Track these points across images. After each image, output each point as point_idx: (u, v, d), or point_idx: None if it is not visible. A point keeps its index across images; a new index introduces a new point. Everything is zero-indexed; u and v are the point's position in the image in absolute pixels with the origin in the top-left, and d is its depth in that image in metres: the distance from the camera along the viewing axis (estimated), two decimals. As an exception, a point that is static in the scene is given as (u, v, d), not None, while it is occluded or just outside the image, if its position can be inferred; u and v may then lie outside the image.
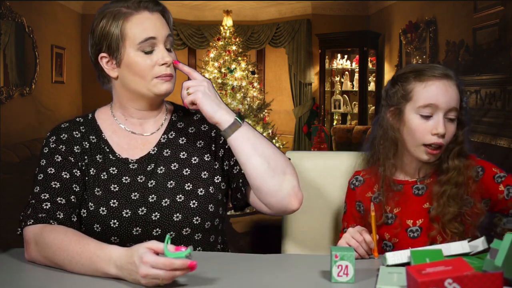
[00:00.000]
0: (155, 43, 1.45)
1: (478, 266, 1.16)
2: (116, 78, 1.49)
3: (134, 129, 1.53)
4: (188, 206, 1.45)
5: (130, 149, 1.51)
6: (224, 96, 6.39)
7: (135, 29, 1.44)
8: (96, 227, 1.42)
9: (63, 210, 1.39)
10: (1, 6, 4.91)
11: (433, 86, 1.49)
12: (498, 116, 4.11)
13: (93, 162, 1.48)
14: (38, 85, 5.51)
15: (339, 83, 7.22)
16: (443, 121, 1.48)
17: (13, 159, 4.98)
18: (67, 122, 1.55)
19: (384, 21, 6.60)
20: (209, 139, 1.55)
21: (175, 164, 1.50)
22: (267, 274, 1.30)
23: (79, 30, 6.68)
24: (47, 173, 1.44)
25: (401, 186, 1.56)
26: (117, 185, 1.45)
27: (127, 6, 1.46)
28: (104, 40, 1.46)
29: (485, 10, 4.37)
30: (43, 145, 1.51)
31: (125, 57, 1.45)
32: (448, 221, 1.49)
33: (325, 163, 1.81)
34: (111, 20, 1.45)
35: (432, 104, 1.48)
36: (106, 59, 1.48)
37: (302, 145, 7.42)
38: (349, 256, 1.22)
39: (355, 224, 1.58)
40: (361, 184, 1.63)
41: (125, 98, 1.51)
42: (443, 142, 1.49)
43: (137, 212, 1.43)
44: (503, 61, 4.08)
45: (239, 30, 7.25)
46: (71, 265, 1.26)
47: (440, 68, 1.53)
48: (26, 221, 1.37)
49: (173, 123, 1.57)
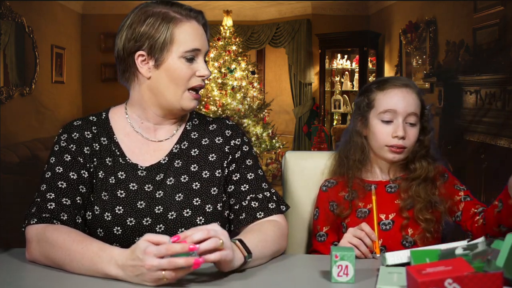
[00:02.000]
0: (198, 54, 1.45)
1: (478, 266, 1.16)
2: (148, 78, 1.46)
3: (148, 134, 1.51)
4: (194, 222, 1.43)
5: (141, 154, 1.49)
6: (224, 96, 6.40)
7: (185, 37, 1.43)
8: (99, 231, 1.41)
9: (68, 211, 1.38)
10: (1, 6, 4.92)
11: (392, 94, 1.65)
12: (498, 116, 4.11)
13: (102, 165, 1.47)
14: (38, 85, 5.52)
15: (339, 83, 7.23)
16: (403, 125, 1.62)
17: (13, 159, 4.97)
18: (80, 120, 1.52)
19: (384, 21, 6.60)
20: (222, 153, 1.52)
21: (185, 177, 1.48)
22: (267, 274, 1.30)
23: (79, 30, 6.69)
24: (55, 171, 1.43)
25: (375, 186, 1.65)
26: (124, 191, 1.44)
27: (176, 11, 1.44)
28: (148, 39, 1.42)
29: (485, 10, 4.37)
30: (54, 142, 1.48)
31: (167, 61, 1.43)
32: (419, 210, 1.60)
33: (325, 163, 1.81)
34: (159, 21, 1.42)
35: (391, 110, 1.63)
36: (143, 58, 1.44)
37: (302, 145, 7.43)
38: (349, 256, 1.22)
39: (329, 226, 1.68)
40: (333, 185, 1.72)
41: (149, 101, 1.48)
42: (403, 144, 1.63)
43: (142, 221, 1.42)
44: (503, 61, 4.08)
45: (239, 30, 7.26)
46: (71, 265, 1.26)
47: (402, 79, 1.71)
48: (29, 219, 1.36)
49: (187, 132, 1.54)
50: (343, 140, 1.77)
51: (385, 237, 1.59)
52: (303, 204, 1.82)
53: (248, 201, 1.47)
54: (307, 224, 1.81)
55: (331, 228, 1.69)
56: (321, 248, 1.68)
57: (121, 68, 1.49)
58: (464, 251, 1.18)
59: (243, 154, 1.53)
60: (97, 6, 6.71)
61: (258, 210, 1.46)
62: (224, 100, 6.34)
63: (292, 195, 1.83)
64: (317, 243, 1.70)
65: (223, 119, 1.60)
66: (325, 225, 1.69)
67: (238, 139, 1.54)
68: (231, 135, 1.54)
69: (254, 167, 1.53)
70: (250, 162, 1.53)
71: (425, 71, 5.40)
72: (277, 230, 1.43)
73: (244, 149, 1.54)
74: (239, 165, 1.51)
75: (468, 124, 4.48)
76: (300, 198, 1.82)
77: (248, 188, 1.49)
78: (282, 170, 1.86)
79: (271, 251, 1.39)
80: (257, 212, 1.46)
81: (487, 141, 4.20)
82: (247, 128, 6.36)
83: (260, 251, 1.33)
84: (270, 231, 1.41)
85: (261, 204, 1.47)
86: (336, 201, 1.68)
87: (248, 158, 1.53)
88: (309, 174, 1.82)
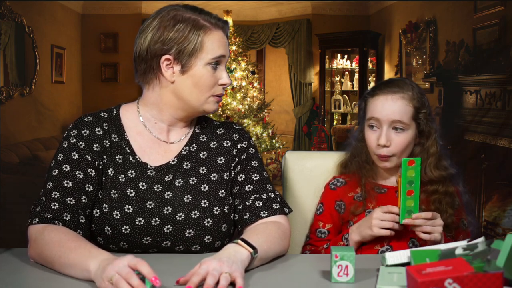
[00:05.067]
0: (222, 61, 1.48)
1: (478, 266, 1.16)
2: (172, 82, 1.46)
3: (160, 134, 1.52)
4: (202, 224, 1.44)
5: (151, 154, 1.50)
6: (224, 96, 6.40)
7: (213, 45, 1.45)
8: (107, 229, 1.41)
9: (71, 212, 1.38)
10: (1, 6, 4.92)
11: (377, 101, 1.64)
12: (498, 116, 4.11)
13: (112, 162, 1.47)
14: (38, 85, 5.51)
15: (339, 83, 7.22)
16: (386, 133, 1.61)
17: (13, 159, 4.97)
18: (91, 116, 1.51)
19: (384, 21, 6.60)
20: (230, 156, 1.54)
21: (194, 179, 1.49)
22: (267, 274, 1.30)
23: (79, 30, 6.68)
24: (62, 169, 1.42)
25: (385, 190, 1.66)
26: (134, 190, 1.44)
27: (206, 20, 1.46)
28: (177, 44, 1.42)
29: (485, 10, 4.37)
30: (63, 137, 1.48)
31: (194, 68, 1.44)
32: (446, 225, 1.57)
33: (325, 163, 1.81)
34: (190, 27, 1.43)
35: (374, 117, 1.63)
36: (168, 62, 1.44)
37: (302, 145, 7.43)
38: (349, 256, 1.22)
39: (332, 224, 1.68)
40: (342, 185, 1.71)
41: (167, 103, 1.48)
42: (387, 153, 1.61)
43: (150, 221, 1.42)
44: (503, 61, 4.08)
45: (239, 30, 7.26)
46: (59, 261, 1.24)
47: (394, 83, 1.66)
48: (32, 218, 1.37)
49: (196, 135, 1.55)
50: (351, 141, 1.77)
51: (392, 237, 1.57)
52: (303, 204, 1.82)
53: (252, 201, 1.48)
54: (307, 224, 1.81)
55: (334, 226, 1.69)
56: (320, 244, 1.68)
57: (141, 68, 1.48)
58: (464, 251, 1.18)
59: (248, 156, 1.55)
60: (97, 6, 6.70)
61: (262, 209, 1.47)
62: (224, 100, 6.33)
63: (292, 195, 1.83)
64: (316, 238, 1.70)
65: (230, 123, 1.61)
66: (328, 222, 1.69)
67: (245, 142, 1.56)
68: (239, 138, 1.56)
69: (259, 169, 1.54)
70: (256, 164, 1.55)
71: (425, 71, 5.40)
72: (281, 232, 1.43)
73: (250, 151, 1.56)
74: (244, 166, 1.53)
75: (468, 124, 4.48)
76: (300, 198, 1.82)
77: (253, 189, 1.50)
78: (282, 170, 1.86)
79: (274, 252, 1.39)
80: (261, 211, 1.47)
81: (487, 141, 4.20)
82: (247, 128, 6.36)
83: (265, 251, 1.33)
84: (274, 232, 1.41)
85: (265, 204, 1.48)
86: (345, 201, 1.68)
87: (254, 160, 1.55)
88: (309, 174, 1.82)
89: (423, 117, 1.64)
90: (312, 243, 1.71)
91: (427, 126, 1.65)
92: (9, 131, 4.95)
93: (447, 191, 1.63)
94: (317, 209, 1.74)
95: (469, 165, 4.29)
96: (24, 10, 5.23)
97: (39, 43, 5.52)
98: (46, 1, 5.76)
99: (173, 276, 1.20)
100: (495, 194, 4.05)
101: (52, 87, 5.95)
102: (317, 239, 1.70)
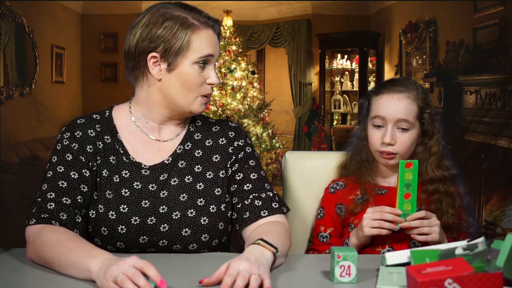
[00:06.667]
0: (210, 60, 1.46)
1: (478, 266, 1.16)
2: (159, 80, 1.45)
3: (152, 133, 1.51)
4: (198, 223, 1.44)
5: (145, 153, 1.49)
6: (224, 96, 6.39)
7: (201, 44, 1.43)
8: (104, 230, 1.41)
9: (67, 211, 1.38)
10: (1, 6, 4.92)
11: (382, 100, 1.63)
12: (498, 116, 4.11)
13: (106, 163, 1.46)
14: (38, 85, 5.51)
15: (339, 83, 7.22)
16: (391, 131, 1.61)
17: (13, 159, 4.98)
18: (83, 118, 1.51)
19: (384, 21, 6.60)
20: (226, 154, 1.53)
21: (189, 177, 1.48)
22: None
23: (79, 30, 6.68)
24: (56, 171, 1.42)
25: (385, 191, 1.65)
26: (128, 190, 1.44)
27: (195, 18, 1.44)
28: (164, 42, 1.41)
29: (485, 10, 4.37)
30: (57, 140, 1.48)
31: (180, 66, 1.43)
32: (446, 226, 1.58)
33: (325, 163, 1.81)
34: (178, 25, 1.42)
35: (379, 116, 1.63)
36: (155, 60, 1.43)
37: (302, 145, 7.42)
38: (352, 256, 1.22)
39: (333, 228, 1.68)
40: (342, 188, 1.71)
41: (157, 102, 1.48)
42: (392, 150, 1.61)
43: (146, 221, 1.42)
44: (503, 61, 4.08)
45: (239, 30, 7.25)
46: (59, 261, 1.24)
47: (399, 82, 1.66)
48: (29, 219, 1.36)
49: (190, 133, 1.54)
50: (352, 139, 1.77)
51: (393, 239, 1.57)
52: (303, 204, 1.82)
53: (251, 200, 1.48)
54: (307, 224, 1.81)
55: (335, 230, 1.68)
56: (322, 248, 1.68)
57: (130, 65, 1.47)
58: (464, 251, 1.18)
59: (246, 155, 1.54)
60: (97, 6, 6.70)
61: (262, 208, 1.47)
62: (224, 100, 6.34)
63: (292, 195, 1.83)
64: (318, 243, 1.70)
65: (225, 120, 1.60)
66: (329, 226, 1.69)
67: (241, 140, 1.55)
68: (235, 136, 1.55)
69: (256, 167, 1.54)
70: (253, 163, 1.54)
71: (425, 71, 5.40)
72: (285, 231, 1.44)
73: (247, 150, 1.55)
74: (242, 165, 1.52)
75: (468, 124, 4.48)
76: (300, 198, 1.82)
77: (251, 188, 1.50)
78: (282, 170, 1.86)
79: (286, 251, 1.39)
80: (261, 211, 1.46)
81: (487, 141, 4.20)
82: (247, 128, 6.35)
83: (281, 249, 1.33)
84: (281, 231, 1.41)
85: (265, 203, 1.48)
86: (345, 204, 1.67)
87: (251, 159, 1.54)
88: (309, 174, 1.82)
89: (428, 117, 1.65)
90: (314, 248, 1.71)
91: (431, 126, 1.65)
92: (9, 131, 4.95)
93: (448, 191, 1.63)
94: (317, 213, 1.74)
95: (469, 165, 4.29)
96: (24, 10, 5.23)
97: (39, 43, 5.52)
98: (46, 1, 5.76)
99: (173, 276, 1.20)
100: (495, 194, 4.05)
101: (52, 87, 5.95)
102: (320, 243, 1.69)
